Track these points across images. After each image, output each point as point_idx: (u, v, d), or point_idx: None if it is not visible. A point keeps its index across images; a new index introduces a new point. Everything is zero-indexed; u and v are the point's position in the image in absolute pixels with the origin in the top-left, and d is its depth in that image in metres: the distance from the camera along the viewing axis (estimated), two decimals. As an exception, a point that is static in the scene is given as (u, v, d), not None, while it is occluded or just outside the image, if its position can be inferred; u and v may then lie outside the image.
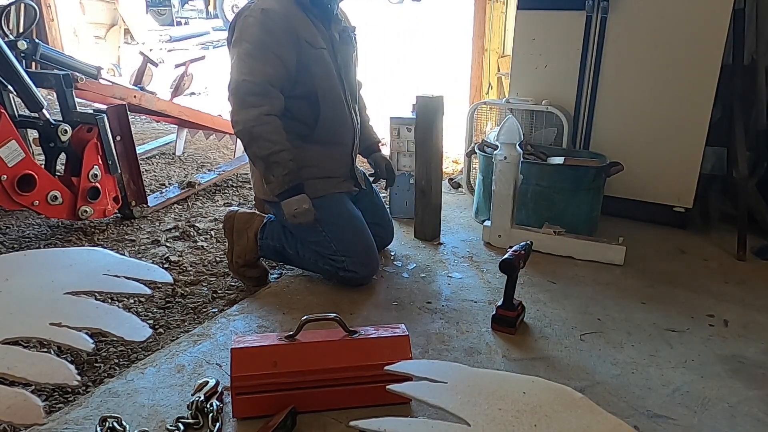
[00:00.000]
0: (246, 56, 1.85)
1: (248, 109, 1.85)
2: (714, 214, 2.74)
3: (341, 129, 2.09)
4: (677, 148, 2.47)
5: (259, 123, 1.85)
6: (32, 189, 2.33)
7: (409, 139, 2.59)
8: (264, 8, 1.85)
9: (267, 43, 1.85)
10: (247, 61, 1.85)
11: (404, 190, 2.71)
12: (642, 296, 2.02)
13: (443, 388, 1.02)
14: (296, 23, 1.89)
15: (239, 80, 1.85)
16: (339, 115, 2.06)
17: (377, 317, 1.89)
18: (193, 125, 3.59)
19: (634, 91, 2.51)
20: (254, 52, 1.84)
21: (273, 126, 1.88)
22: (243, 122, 1.86)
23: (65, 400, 1.51)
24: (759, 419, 1.42)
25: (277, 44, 1.86)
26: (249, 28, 1.85)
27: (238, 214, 2.14)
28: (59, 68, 2.88)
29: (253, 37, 1.85)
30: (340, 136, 2.09)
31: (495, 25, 3.85)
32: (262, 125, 1.85)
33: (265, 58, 1.85)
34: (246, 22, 1.86)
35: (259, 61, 1.84)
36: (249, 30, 1.85)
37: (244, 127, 1.86)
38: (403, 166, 2.67)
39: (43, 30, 5.59)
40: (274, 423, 1.31)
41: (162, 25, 11.85)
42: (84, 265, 1.09)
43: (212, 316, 1.93)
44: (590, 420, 0.94)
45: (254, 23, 1.85)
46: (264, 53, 1.85)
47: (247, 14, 1.87)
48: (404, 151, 2.65)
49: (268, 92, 1.86)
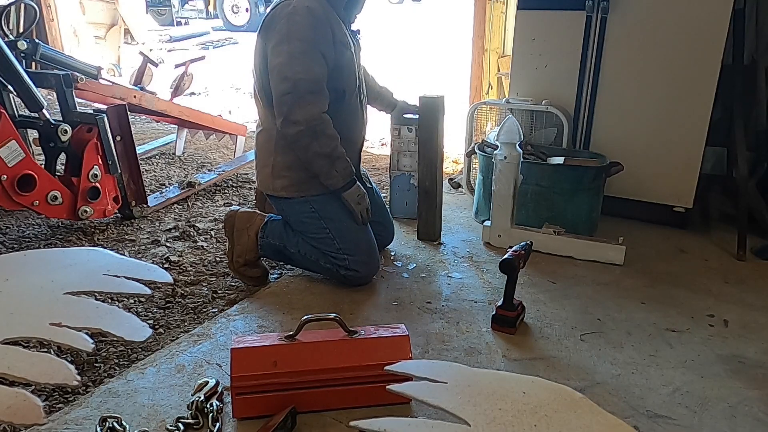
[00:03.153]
0: (300, 54, 1.84)
1: (308, 107, 1.86)
2: (714, 214, 2.74)
3: (355, 125, 2.13)
4: (677, 148, 2.47)
5: (320, 121, 1.88)
6: (32, 189, 2.33)
7: (410, 139, 2.58)
8: (308, 6, 1.85)
9: (317, 42, 1.86)
10: (301, 59, 1.84)
11: (404, 191, 2.68)
12: (642, 296, 2.02)
13: (443, 388, 1.02)
14: (333, 23, 1.91)
15: (297, 78, 1.84)
16: (355, 111, 2.10)
17: (377, 317, 1.89)
18: (193, 125, 3.59)
19: (634, 91, 2.51)
20: (308, 49, 1.84)
21: (330, 123, 1.92)
22: (305, 121, 1.86)
23: (65, 400, 1.51)
24: (759, 419, 1.42)
25: (322, 44, 1.87)
26: (298, 26, 1.84)
27: (238, 213, 2.14)
28: (59, 68, 2.88)
29: (304, 34, 1.84)
30: (353, 132, 2.12)
31: (495, 25, 3.85)
32: (323, 123, 1.89)
33: (316, 57, 1.86)
34: (293, 20, 1.84)
35: (312, 60, 1.85)
36: (299, 28, 1.84)
37: (307, 125, 1.87)
38: (403, 166, 2.65)
39: (43, 30, 5.59)
40: (274, 423, 1.31)
41: (162, 25, 11.86)
42: (84, 265, 1.09)
43: (212, 316, 1.93)
44: (590, 420, 0.94)
45: (303, 21, 1.84)
46: (315, 52, 1.86)
47: (292, 11, 1.85)
48: (405, 150, 2.63)
49: (322, 90, 1.89)
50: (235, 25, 12.39)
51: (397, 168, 2.65)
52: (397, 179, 2.69)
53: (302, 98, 1.85)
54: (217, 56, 8.66)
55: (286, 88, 1.85)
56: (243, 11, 12.51)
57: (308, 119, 1.87)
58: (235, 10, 12.54)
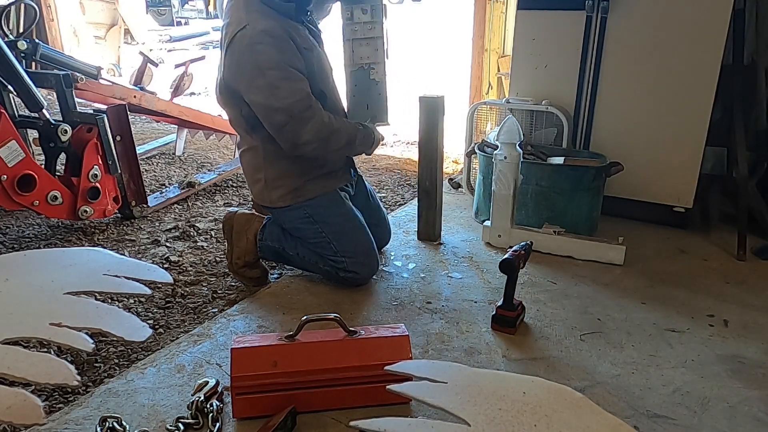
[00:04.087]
0: (279, 81, 1.80)
1: (311, 124, 1.85)
2: (714, 214, 2.74)
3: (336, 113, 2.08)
4: (677, 148, 2.47)
5: (324, 127, 1.88)
6: (32, 189, 2.33)
7: (364, 20, 2.05)
8: (263, 29, 1.80)
9: (287, 61, 1.82)
10: (284, 86, 1.81)
11: (364, 90, 2.10)
12: (642, 296, 2.02)
13: (443, 388, 1.02)
14: (291, 33, 1.87)
15: (289, 105, 1.81)
16: (335, 102, 2.09)
17: (377, 317, 1.89)
18: (193, 125, 3.59)
19: (634, 91, 2.50)
20: (283, 74, 1.81)
21: (331, 119, 1.92)
22: (315, 136, 1.87)
23: (65, 400, 1.51)
24: (759, 419, 1.42)
25: (292, 60, 1.85)
26: (263, 55, 1.79)
27: (237, 215, 2.14)
28: (59, 68, 2.88)
29: (273, 61, 1.80)
30: None
31: (495, 25, 3.85)
32: (327, 126, 1.89)
33: (294, 75, 1.84)
34: (256, 50, 1.79)
35: (292, 81, 1.83)
36: (264, 57, 1.79)
37: (318, 143, 1.89)
38: (360, 58, 2.07)
39: (43, 30, 5.59)
40: (274, 423, 1.31)
41: (162, 25, 11.86)
42: (84, 265, 1.09)
43: (212, 316, 1.93)
44: (590, 420, 0.94)
45: (265, 49, 1.79)
46: (290, 71, 1.83)
47: (251, 41, 1.79)
48: (360, 38, 2.07)
49: (314, 101, 1.87)
50: (235, 25, 12.36)
51: (352, 61, 2.10)
52: (354, 77, 2.10)
53: (302, 120, 1.84)
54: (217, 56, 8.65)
55: (282, 119, 1.83)
56: (243, 11, 12.48)
57: (316, 133, 1.87)
58: (235, 9, 12.52)
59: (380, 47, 2.08)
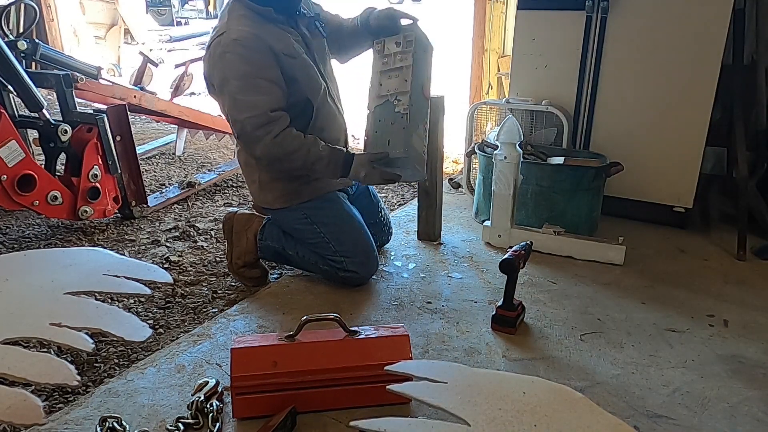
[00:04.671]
0: (239, 93, 1.81)
1: (261, 142, 1.84)
2: (714, 214, 2.74)
3: (332, 125, 2.08)
4: (677, 148, 2.47)
5: (275, 146, 1.84)
6: (32, 189, 2.33)
7: (396, 51, 1.92)
8: (235, 38, 1.79)
9: (253, 73, 1.81)
10: (241, 99, 1.81)
11: (387, 124, 1.89)
12: (642, 296, 2.02)
13: (443, 388, 1.02)
14: (269, 39, 1.84)
15: (243, 120, 1.82)
16: (329, 112, 2.05)
17: (377, 317, 1.89)
18: (193, 125, 3.59)
19: (634, 91, 2.50)
20: (245, 86, 1.81)
21: (288, 138, 1.85)
22: (264, 154, 1.87)
23: (65, 400, 1.51)
24: (759, 419, 1.42)
25: (262, 70, 1.82)
26: (230, 64, 1.80)
27: (237, 215, 2.14)
28: (59, 68, 2.88)
29: (238, 72, 1.80)
30: (333, 132, 2.07)
31: (495, 25, 3.85)
32: (279, 146, 1.85)
33: (257, 88, 1.82)
34: (225, 59, 1.80)
35: (253, 94, 1.81)
36: (232, 66, 1.80)
37: (268, 159, 1.90)
38: (387, 90, 1.91)
39: (43, 30, 5.59)
40: (274, 423, 1.31)
41: (162, 25, 11.85)
42: (84, 265, 1.09)
43: (212, 316, 1.93)
44: (590, 420, 0.94)
45: (234, 58, 1.79)
46: (254, 84, 1.81)
47: (222, 50, 1.80)
48: (390, 70, 1.94)
49: (271, 118, 1.84)
50: (235, 25, 12.36)
51: (378, 95, 1.92)
52: (377, 111, 1.92)
53: (253, 136, 1.84)
54: (217, 56, 8.65)
55: (238, 130, 1.86)
56: (243, 11, 12.48)
57: (266, 151, 1.86)
58: (235, 9, 12.53)
59: (409, 77, 1.89)
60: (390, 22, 1.98)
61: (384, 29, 1.98)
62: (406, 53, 1.91)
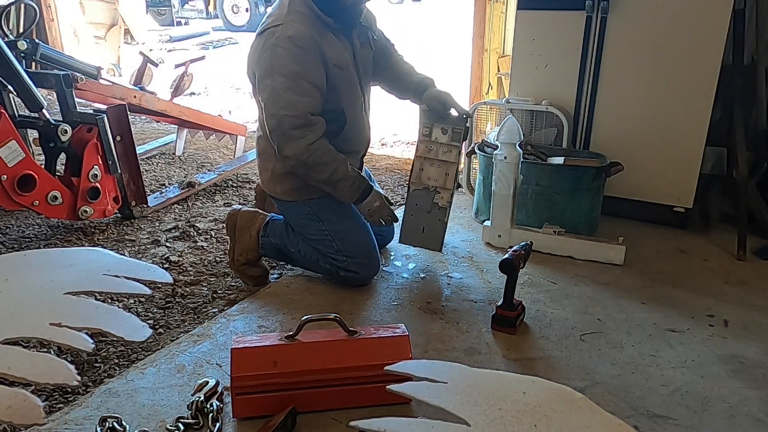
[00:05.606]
0: (282, 90, 1.81)
1: (295, 143, 1.84)
2: (714, 214, 2.74)
3: (359, 138, 2.11)
4: (677, 148, 2.47)
5: (308, 153, 1.86)
6: (32, 189, 2.33)
7: (442, 141, 2.08)
8: (291, 35, 1.80)
9: (301, 74, 1.82)
10: (284, 95, 1.81)
11: (424, 211, 2.10)
12: (642, 296, 2.02)
13: (443, 388, 1.02)
14: (323, 45, 1.85)
15: (280, 115, 1.82)
16: (358, 124, 2.07)
17: (377, 317, 1.89)
18: (193, 125, 3.59)
19: (634, 90, 2.50)
20: (290, 85, 1.81)
21: (322, 150, 1.88)
22: (294, 156, 1.87)
23: (65, 400, 1.51)
24: (759, 419, 1.42)
25: (310, 73, 1.83)
26: (280, 59, 1.80)
27: (240, 212, 2.15)
28: (59, 68, 2.88)
29: (286, 69, 1.80)
30: (356, 144, 2.11)
31: (495, 25, 3.84)
32: (312, 154, 1.86)
33: (302, 89, 1.83)
34: (275, 53, 1.80)
35: (296, 94, 1.82)
36: (281, 62, 1.80)
37: (297, 160, 1.88)
38: (428, 178, 2.11)
39: (43, 30, 5.59)
40: (274, 423, 1.31)
41: (162, 25, 11.87)
42: (84, 265, 1.09)
43: (212, 316, 1.93)
44: (590, 420, 0.94)
45: (285, 54, 1.79)
46: (299, 85, 1.82)
47: (275, 43, 1.80)
48: (433, 158, 2.10)
49: (310, 122, 1.85)
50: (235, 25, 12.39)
51: (420, 179, 2.13)
52: (415, 195, 2.13)
53: (287, 135, 1.84)
54: (217, 56, 8.66)
55: (273, 125, 1.85)
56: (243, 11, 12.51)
57: (297, 154, 1.86)
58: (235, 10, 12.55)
59: (452, 174, 2.06)
60: (441, 108, 2.10)
61: (433, 111, 2.12)
62: (452, 147, 2.06)
